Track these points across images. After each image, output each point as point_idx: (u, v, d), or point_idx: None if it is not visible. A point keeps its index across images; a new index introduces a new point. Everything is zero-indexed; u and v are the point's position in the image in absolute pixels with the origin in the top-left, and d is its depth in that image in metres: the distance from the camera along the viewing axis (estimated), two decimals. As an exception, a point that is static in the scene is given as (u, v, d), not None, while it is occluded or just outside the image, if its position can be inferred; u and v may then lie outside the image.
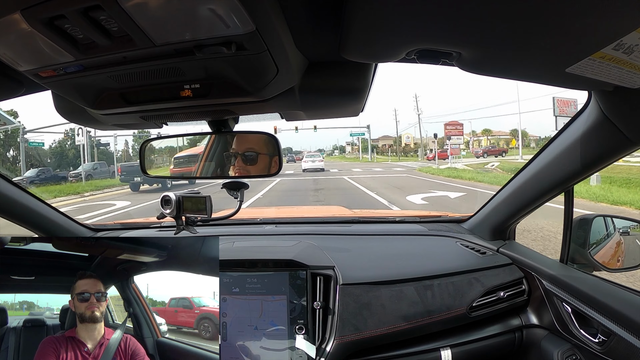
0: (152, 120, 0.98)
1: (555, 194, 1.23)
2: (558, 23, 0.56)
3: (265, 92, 0.84)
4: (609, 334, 1.05)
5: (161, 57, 0.66)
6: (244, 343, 1.16)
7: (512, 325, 1.34)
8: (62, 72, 0.70)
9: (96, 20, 0.55)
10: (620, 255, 1.32)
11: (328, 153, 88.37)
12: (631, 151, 0.97)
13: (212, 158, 1.13)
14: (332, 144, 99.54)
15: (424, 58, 0.71)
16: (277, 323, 1.18)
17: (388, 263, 1.39)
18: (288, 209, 3.97)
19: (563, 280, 1.22)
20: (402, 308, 1.22)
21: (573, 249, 1.29)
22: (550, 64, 0.71)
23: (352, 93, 0.93)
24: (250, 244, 1.50)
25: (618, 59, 0.63)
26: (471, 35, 0.62)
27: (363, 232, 1.69)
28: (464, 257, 1.44)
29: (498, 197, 1.47)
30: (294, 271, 1.22)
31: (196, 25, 0.58)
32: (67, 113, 1.02)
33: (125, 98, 0.83)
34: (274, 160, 1.08)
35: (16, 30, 0.57)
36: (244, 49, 0.64)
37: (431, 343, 1.25)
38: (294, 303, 1.19)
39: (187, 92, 0.79)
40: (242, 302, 1.19)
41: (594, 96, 0.94)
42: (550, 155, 1.17)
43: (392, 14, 0.57)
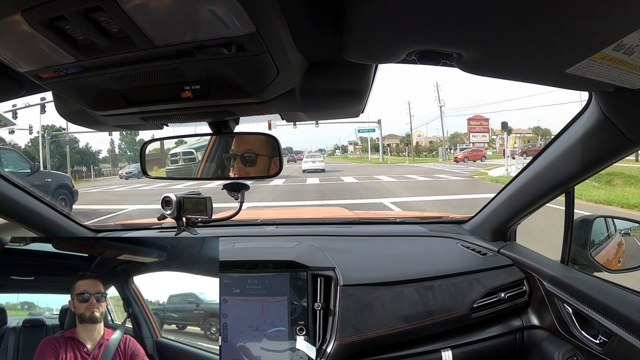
0: (152, 121, 0.98)
1: (556, 195, 1.23)
2: (558, 24, 0.56)
3: (266, 93, 0.84)
4: (610, 335, 1.05)
5: (161, 58, 0.66)
6: (244, 344, 1.16)
7: (513, 327, 1.34)
8: (62, 73, 0.71)
9: (96, 22, 0.55)
10: (621, 256, 1.31)
11: (329, 153, 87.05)
12: (632, 152, 0.97)
13: (212, 159, 1.14)
14: (334, 143, 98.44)
15: (424, 59, 0.71)
16: (277, 324, 1.17)
17: (389, 264, 1.39)
18: (289, 210, 3.97)
19: (564, 281, 1.22)
20: (402, 309, 1.22)
21: (574, 250, 1.28)
22: (550, 65, 0.71)
23: (352, 94, 0.93)
24: (251, 245, 1.50)
25: (618, 59, 0.63)
26: (471, 37, 0.62)
27: (364, 233, 1.69)
28: (465, 258, 1.44)
29: (499, 198, 1.47)
30: (295, 272, 1.22)
31: (196, 27, 0.58)
32: (67, 114, 1.02)
33: (125, 99, 0.83)
34: (274, 161, 1.09)
35: (17, 32, 0.57)
36: (245, 50, 0.64)
37: (432, 344, 1.24)
38: (295, 304, 1.19)
39: (188, 93, 0.79)
40: (243, 303, 1.19)
41: (594, 97, 0.94)
42: (551, 156, 1.17)
43: (393, 15, 0.57)
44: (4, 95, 0.96)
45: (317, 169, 24.67)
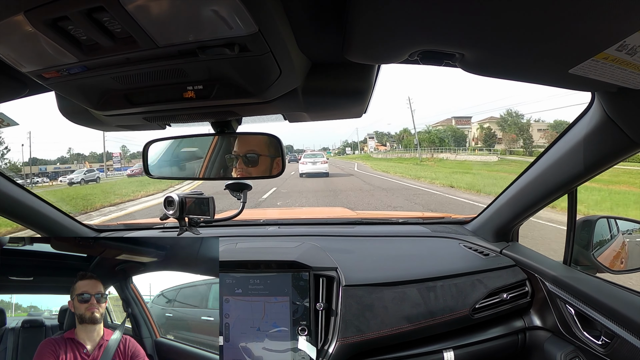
0: (155, 121, 0.98)
1: (559, 196, 1.23)
2: (561, 24, 0.56)
3: (268, 94, 0.84)
4: (613, 336, 1.05)
5: (164, 58, 0.67)
6: (246, 344, 1.16)
7: (515, 327, 1.34)
8: (65, 73, 0.71)
9: (99, 22, 0.56)
10: (624, 257, 1.31)
11: (337, 152, 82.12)
12: (635, 152, 0.97)
13: (214, 159, 1.14)
14: (343, 140, 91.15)
15: (427, 59, 0.71)
16: (279, 324, 1.17)
17: (391, 264, 1.38)
18: (291, 210, 3.98)
19: (566, 282, 1.22)
20: (404, 309, 1.22)
21: (576, 251, 1.28)
22: (553, 65, 0.71)
23: (355, 94, 0.93)
24: (253, 245, 1.50)
25: (621, 59, 0.63)
26: (474, 37, 0.62)
27: (366, 233, 1.69)
28: (467, 259, 1.44)
29: (501, 199, 1.47)
30: (297, 272, 1.22)
31: (199, 27, 0.58)
32: (70, 114, 1.02)
33: (128, 99, 0.83)
34: (276, 161, 1.09)
35: (20, 32, 0.57)
36: (247, 51, 0.64)
37: (434, 345, 1.24)
38: (297, 304, 1.19)
39: (190, 94, 0.79)
40: (245, 303, 1.19)
41: (597, 97, 0.94)
42: (554, 157, 1.17)
43: (396, 16, 0.57)
44: (7, 95, 0.97)
45: (318, 172, 19.10)
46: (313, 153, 23.21)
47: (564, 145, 1.11)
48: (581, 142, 1.04)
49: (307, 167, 19.20)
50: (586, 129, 1.01)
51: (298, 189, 12.93)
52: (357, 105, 0.98)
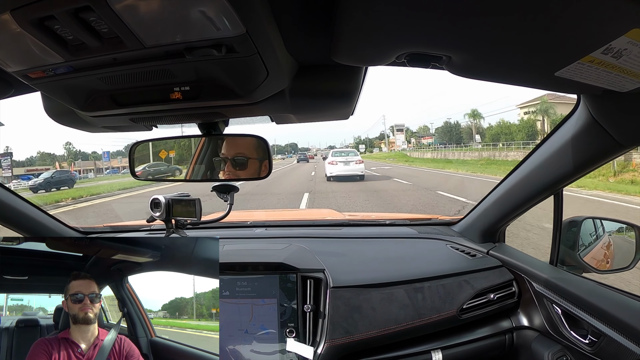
0: (141, 123, 0.97)
1: (545, 197, 1.24)
2: (547, 27, 0.56)
3: (256, 95, 0.83)
4: (599, 335, 1.06)
5: (151, 59, 0.66)
6: (234, 347, 1.15)
7: (502, 327, 1.35)
8: (51, 74, 0.70)
9: (86, 22, 0.55)
10: (610, 257, 1.33)
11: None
12: (620, 154, 0.98)
13: (201, 161, 1.13)
14: (356, 136, 78.57)
15: (414, 62, 0.71)
16: (267, 327, 1.17)
17: (378, 266, 1.39)
18: (279, 212, 3.96)
19: (553, 282, 1.23)
20: (392, 311, 1.22)
21: (563, 251, 1.29)
22: (539, 68, 0.71)
23: (342, 96, 0.93)
24: (240, 247, 1.49)
25: (607, 63, 0.64)
26: (461, 39, 0.62)
27: (354, 235, 1.69)
28: (454, 260, 1.44)
29: (488, 200, 1.47)
30: (284, 274, 1.21)
31: (186, 27, 0.58)
32: (56, 115, 1.01)
33: (115, 100, 0.82)
34: (264, 164, 1.08)
35: (5, 31, 0.56)
36: (235, 52, 0.64)
37: (422, 345, 1.25)
38: (285, 306, 1.19)
39: (177, 95, 0.78)
40: (233, 305, 1.18)
41: (583, 100, 0.95)
42: (540, 158, 1.18)
43: (383, 18, 0.57)
44: None
45: (353, 174, 14.58)
46: (344, 150, 18.39)
47: (550, 147, 1.12)
48: (567, 144, 1.05)
49: (337, 167, 14.68)
50: (572, 131, 1.02)
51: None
52: (344, 107, 0.97)
